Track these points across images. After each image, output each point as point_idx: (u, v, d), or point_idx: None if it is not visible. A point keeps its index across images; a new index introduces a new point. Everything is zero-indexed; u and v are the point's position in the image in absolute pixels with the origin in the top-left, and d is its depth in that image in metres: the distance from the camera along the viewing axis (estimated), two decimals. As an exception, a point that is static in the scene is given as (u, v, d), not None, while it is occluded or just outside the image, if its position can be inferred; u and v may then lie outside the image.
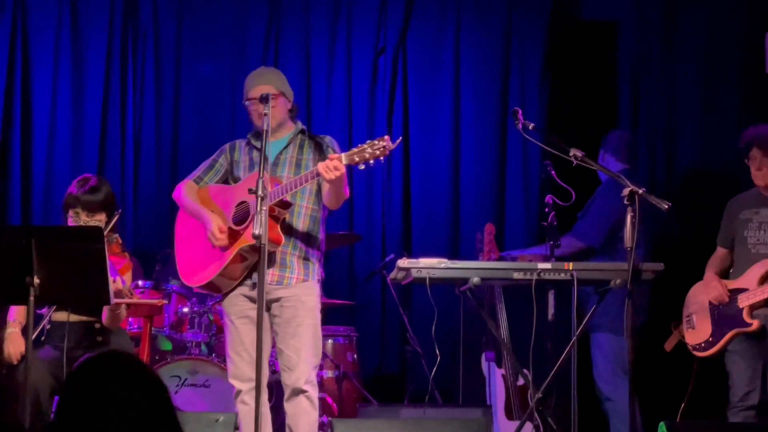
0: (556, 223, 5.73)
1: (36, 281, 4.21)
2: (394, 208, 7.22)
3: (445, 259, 4.87)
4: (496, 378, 6.21)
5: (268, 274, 4.60)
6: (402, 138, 6.63)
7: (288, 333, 4.78)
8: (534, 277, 4.82)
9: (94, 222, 5.00)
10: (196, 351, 6.15)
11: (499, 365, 6.23)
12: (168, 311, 6.27)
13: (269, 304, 4.76)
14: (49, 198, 6.85)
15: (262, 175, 4.34)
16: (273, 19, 7.26)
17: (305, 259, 4.85)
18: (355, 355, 6.64)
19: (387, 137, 4.54)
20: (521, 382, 6.06)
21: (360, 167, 4.56)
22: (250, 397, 4.72)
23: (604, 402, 6.13)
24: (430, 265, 4.81)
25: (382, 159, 4.54)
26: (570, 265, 4.87)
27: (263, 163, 4.39)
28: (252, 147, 4.99)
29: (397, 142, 4.64)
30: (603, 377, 6.11)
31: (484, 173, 7.24)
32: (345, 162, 4.52)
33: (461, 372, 6.20)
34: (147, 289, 5.96)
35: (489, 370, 6.25)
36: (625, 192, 4.70)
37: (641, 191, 4.68)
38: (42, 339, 4.92)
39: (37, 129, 7.02)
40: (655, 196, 4.76)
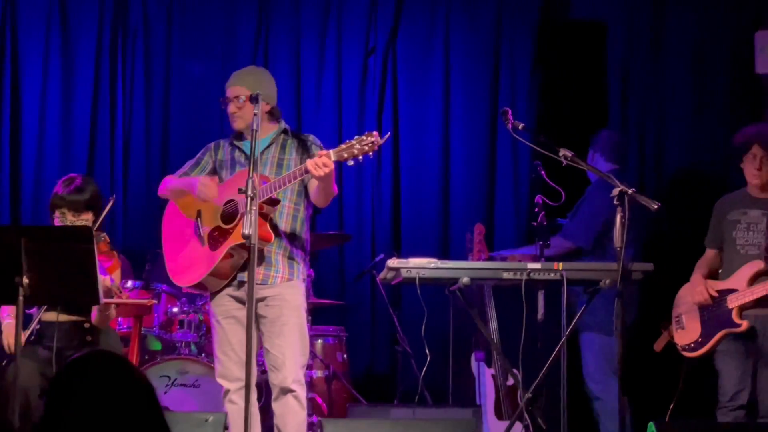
0: (545, 223, 5.74)
1: (25, 281, 4.20)
2: (383, 208, 7.22)
3: (435, 259, 4.87)
4: (485, 378, 6.21)
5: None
6: (391, 133, 6.61)
7: (273, 332, 4.77)
8: (524, 277, 4.83)
9: (80, 222, 4.98)
10: (185, 351, 6.14)
11: (489, 365, 6.23)
12: (157, 311, 6.26)
13: (254, 303, 4.74)
14: (39, 197, 6.83)
15: (251, 175, 4.33)
16: (263, 19, 7.25)
17: (290, 258, 4.84)
18: (345, 355, 6.64)
19: (375, 133, 4.53)
20: (511, 381, 6.07)
21: (349, 163, 4.54)
22: (238, 397, 4.70)
23: (593, 402, 6.14)
24: (419, 265, 4.81)
25: (371, 155, 4.53)
26: (560, 265, 4.88)
27: (253, 163, 4.37)
28: (235, 147, 4.97)
29: (386, 137, 4.63)
30: (593, 377, 6.11)
31: (473, 173, 7.23)
32: (334, 158, 4.51)
33: (451, 372, 6.19)
34: (136, 289, 5.95)
35: (479, 370, 6.25)
36: (615, 192, 4.69)
37: (630, 191, 4.68)
38: (32, 339, 4.92)
39: (27, 128, 7.01)
40: (645, 196, 4.77)
